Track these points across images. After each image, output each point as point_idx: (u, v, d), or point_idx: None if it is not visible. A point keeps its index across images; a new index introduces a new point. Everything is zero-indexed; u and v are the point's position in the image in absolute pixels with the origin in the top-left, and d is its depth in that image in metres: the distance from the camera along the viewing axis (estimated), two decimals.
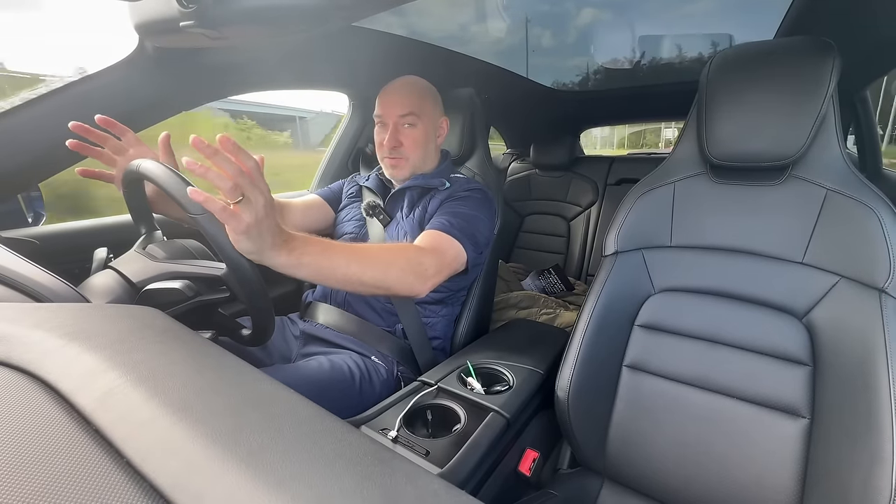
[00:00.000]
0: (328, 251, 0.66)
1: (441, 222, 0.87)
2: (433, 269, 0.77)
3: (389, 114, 0.97)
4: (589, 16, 1.51)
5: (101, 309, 0.43)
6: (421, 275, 0.75)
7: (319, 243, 0.66)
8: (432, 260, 0.78)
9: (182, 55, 0.88)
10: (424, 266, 0.76)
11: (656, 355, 0.78)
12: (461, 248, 0.85)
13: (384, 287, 0.71)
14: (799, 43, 0.71)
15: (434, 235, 0.84)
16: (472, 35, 1.48)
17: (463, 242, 0.85)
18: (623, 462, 0.79)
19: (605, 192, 1.98)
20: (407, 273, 0.73)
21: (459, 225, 0.87)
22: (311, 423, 0.27)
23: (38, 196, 0.92)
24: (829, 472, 0.61)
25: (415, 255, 0.77)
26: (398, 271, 0.72)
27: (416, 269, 0.74)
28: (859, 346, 0.61)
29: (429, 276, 0.76)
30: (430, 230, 0.86)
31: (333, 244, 0.68)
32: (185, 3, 0.59)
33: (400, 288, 0.72)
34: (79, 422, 0.26)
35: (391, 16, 1.19)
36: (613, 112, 2.33)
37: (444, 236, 0.84)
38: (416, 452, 0.63)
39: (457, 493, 0.24)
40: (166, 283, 0.64)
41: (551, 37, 1.61)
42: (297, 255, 0.61)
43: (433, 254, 0.79)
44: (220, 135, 0.52)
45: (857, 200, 0.66)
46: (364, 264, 0.69)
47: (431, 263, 0.77)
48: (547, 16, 1.48)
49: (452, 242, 0.84)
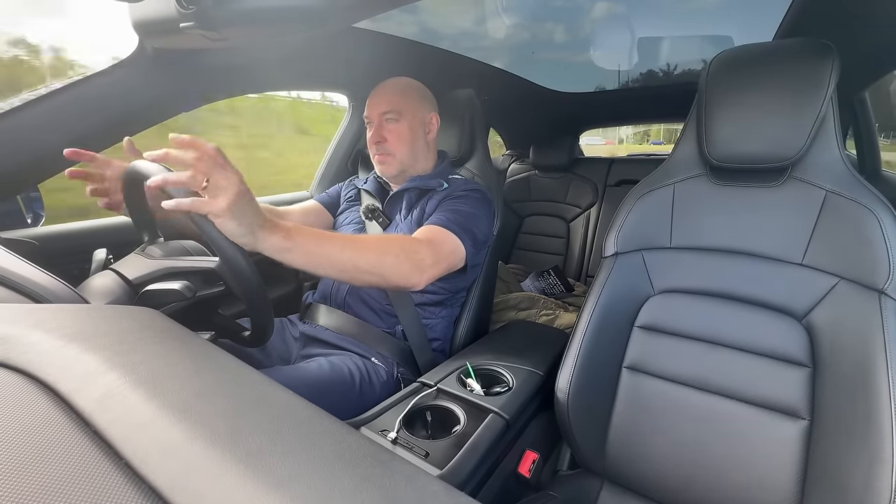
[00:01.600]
0: (321, 237, 0.66)
1: (439, 218, 0.87)
2: (430, 259, 0.76)
3: (374, 113, 0.99)
4: (589, 17, 1.52)
5: (100, 310, 0.43)
6: (417, 264, 0.74)
7: (311, 230, 0.66)
8: (429, 250, 0.77)
9: (182, 56, 0.88)
10: (421, 256, 0.75)
11: (656, 356, 0.78)
12: (459, 243, 0.84)
13: (379, 274, 0.70)
14: (798, 45, 0.72)
15: (431, 229, 0.85)
16: (472, 35, 1.49)
17: (461, 237, 0.85)
18: (623, 463, 0.79)
19: (604, 194, 1.98)
20: (403, 261, 0.72)
21: (457, 220, 0.87)
22: (310, 424, 0.27)
23: (37, 197, 0.92)
24: (828, 474, 0.61)
25: (410, 244, 0.76)
26: (394, 258, 0.71)
27: (413, 258, 0.73)
28: (859, 347, 0.61)
29: (426, 267, 0.75)
30: (428, 225, 0.86)
31: (326, 232, 0.68)
32: (185, 4, 0.59)
33: (396, 277, 0.71)
34: (78, 423, 0.26)
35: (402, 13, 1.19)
36: (613, 113, 2.33)
37: (441, 230, 0.84)
38: (415, 454, 0.63)
39: (456, 495, 0.24)
40: (165, 284, 0.64)
41: (552, 37, 1.61)
42: (289, 236, 0.61)
43: (430, 245, 0.79)
44: (171, 135, 0.55)
45: (856, 202, 0.66)
46: (358, 251, 0.68)
47: (428, 254, 0.76)
48: (547, 16, 1.49)
49: (450, 236, 0.84)
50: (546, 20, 1.48)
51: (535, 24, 1.50)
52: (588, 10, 1.45)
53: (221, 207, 0.55)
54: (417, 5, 0.64)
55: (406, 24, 1.23)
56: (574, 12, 1.46)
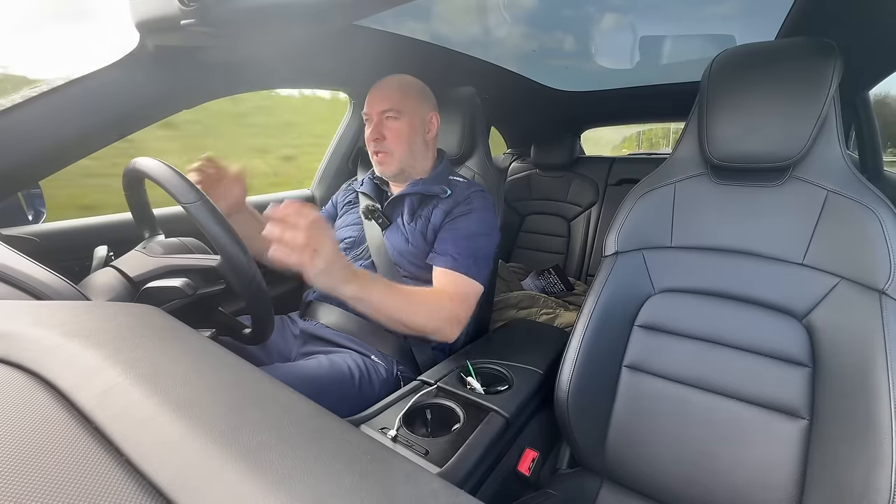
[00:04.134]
0: (389, 290, 0.77)
1: (452, 258, 0.90)
2: (464, 316, 0.87)
3: (373, 110, 0.98)
4: (590, 16, 1.51)
5: (101, 307, 0.43)
6: (456, 323, 0.85)
7: (383, 281, 0.78)
8: (463, 309, 0.87)
9: (183, 53, 0.88)
10: (457, 315, 0.86)
11: (656, 356, 0.78)
12: (476, 283, 0.91)
13: (422, 331, 0.82)
14: (800, 44, 0.71)
15: (453, 279, 0.89)
16: (473, 33, 1.48)
17: (476, 276, 0.90)
18: (622, 462, 0.79)
19: (605, 193, 1.98)
20: (444, 325, 0.83)
21: (467, 253, 0.91)
22: (310, 421, 0.27)
23: (38, 194, 0.92)
24: (828, 473, 0.61)
25: (449, 304, 0.85)
26: (437, 322, 0.82)
27: (452, 322, 0.85)
28: (859, 347, 0.61)
29: (461, 323, 0.86)
30: (445, 269, 0.90)
31: (394, 285, 0.79)
32: (187, 1, 0.59)
33: (437, 335, 0.83)
34: (78, 419, 0.26)
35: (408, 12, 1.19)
36: (614, 112, 2.33)
37: (460, 278, 0.89)
38: (415, 452, 0.63)
39: (455, 493, 0.24)
40: (166, 281, 0.64)
41: (552, 37, 1.60)
42: (366, 290, 0.72)
43: (463, 303, 0.88)
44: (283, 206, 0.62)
45: (857, 202, 0.66)
46: (413, 310, 0.79)
47: (462, 312, 0.87)
48: (547, 16, 1.48)
49: (469, 282, 0.90)
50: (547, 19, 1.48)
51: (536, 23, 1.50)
52: (590, 9, 1.45)
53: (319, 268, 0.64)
54: (418, 4, 0.64)
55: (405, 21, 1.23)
56: (575, 11, 1.45)
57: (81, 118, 0.82)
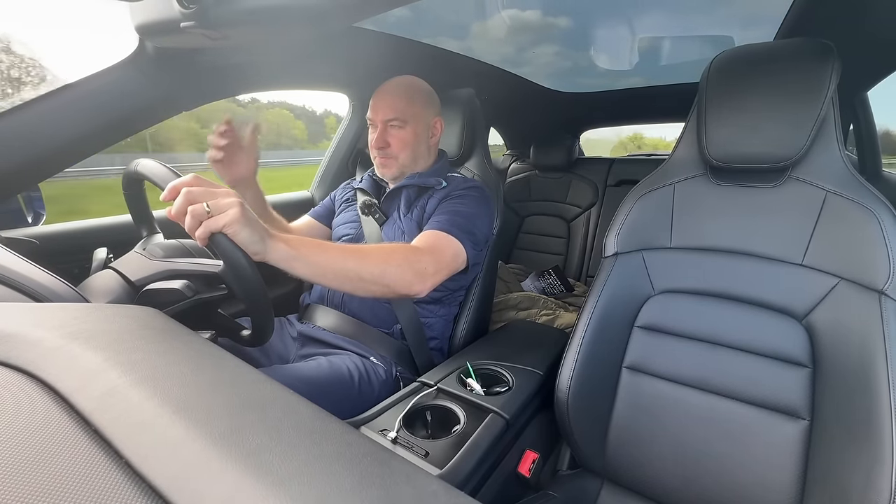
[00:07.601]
0: (323, 245, 0.69)
1: (439, 221, 0.87)
2: (432, 267, 0.78)
3: (377, 118, 0.98)
4: (589, 16, 1.52)
5: (100, 309, 0.43)
6: (420, 273, 0.75)
7: (314, 240, 0.70)
8: (430, 259, 0.78)
9: (183, 55, 0.88)
10: (423, 265, 0.76)
11: (656, 357, 0.78)
12: (460, 247, 0.85)
13: (382, 283, 0.71)
14: (799, 45, 0.72)
15: (432, 235, 0.85)
16: (472, 33, 1.49)
17: (462, 240, 0.85)
18: (623, 463, 0.79)
19: (604, 194, 1.98)
20: (405, 270, 0.73)
21: (457, 223, 0.87)
22: (310, 423, 0.27)
23: (38, 196, 0.92)
24: (828, 474, 0.61)
25: (412, 253, 0.77)
26: (396, 268, 0.72)
27: (415, 267, 0.75)
28: (859, 347, 0.61)
29: (428, 276, 0.76)
30: (428, 230, 0.86)
31: (327, 242, 0.71)
32: (186, 3, 0.59)
33: (399, 285, 0.73)
34: (78, 422, 0.26)
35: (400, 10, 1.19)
36: (613, 113, 2.33)
37: (442, 235, 0.84)
38: (415, 453, 0.63)
39: (456, 494, 0.24)
40: (166, 283, 0.64)
41: (552, 37, 1.61)
42: (294, 246, 0.64)
43: (431, 253, 0.80)
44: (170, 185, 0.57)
45: (856, 202, 0.66)
46: (361, 261, 0.70)
47: (430, 262, 0.78)
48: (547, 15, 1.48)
49: (451, 241, 0.84)
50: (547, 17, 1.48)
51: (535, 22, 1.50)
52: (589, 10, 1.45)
53: (232, 218, 0.56)
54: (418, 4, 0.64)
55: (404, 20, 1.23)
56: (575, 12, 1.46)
57: (81, 121, 0.82)
